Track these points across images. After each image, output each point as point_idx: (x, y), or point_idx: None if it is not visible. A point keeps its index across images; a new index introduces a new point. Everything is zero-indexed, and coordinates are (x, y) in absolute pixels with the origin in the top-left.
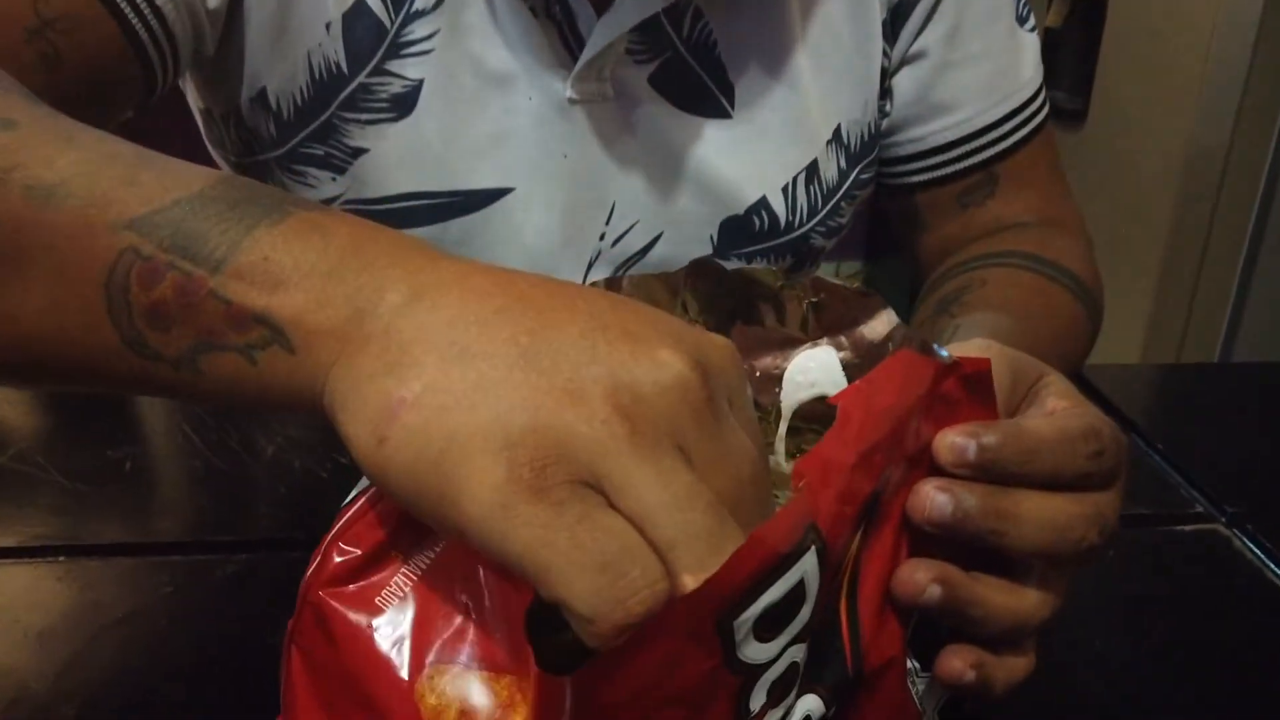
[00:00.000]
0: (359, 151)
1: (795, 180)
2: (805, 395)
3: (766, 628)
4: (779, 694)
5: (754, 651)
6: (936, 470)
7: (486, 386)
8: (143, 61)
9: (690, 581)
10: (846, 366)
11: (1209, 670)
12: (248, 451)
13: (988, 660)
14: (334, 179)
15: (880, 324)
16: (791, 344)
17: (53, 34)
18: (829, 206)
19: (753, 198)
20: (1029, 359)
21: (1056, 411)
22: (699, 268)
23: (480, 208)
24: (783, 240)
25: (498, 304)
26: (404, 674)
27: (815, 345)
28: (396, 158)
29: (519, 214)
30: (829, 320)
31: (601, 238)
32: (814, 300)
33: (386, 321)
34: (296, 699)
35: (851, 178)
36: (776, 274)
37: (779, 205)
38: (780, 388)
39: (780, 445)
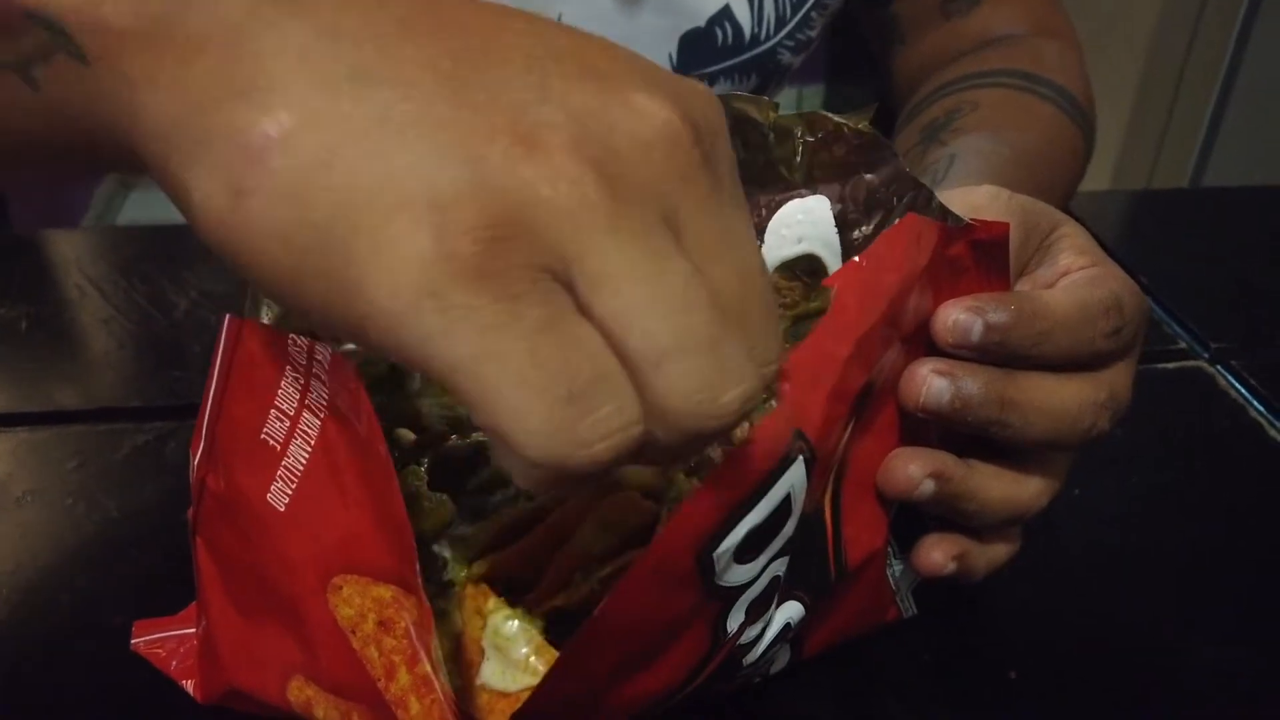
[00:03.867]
0: None
1: None
2: (790, 252)
3: (748, 549)
4: (758, 611)
5: (734, 575)
6: (934, 350)
7: (397, 122)
8: None
9: (679, 405)
10: (841, 222)
11: (1194, 518)
12: (158, 307)
13: (970, 550)
14: None
15: (885, 174)
16: (778, 190)
17: None
18: (799, 16)
19: (715, 5)
20: (1042, 207)
21: (1072, 273)
22: None
23: None
24: (748, 56)
25: (400, 12)
26: (317, 577)
27: (806, 194)
28: None
29: None
30: (826, 165)
31: None
32: (810, 140)
33: (236, 20)
34: (210, 600)
35: None
36: (768, 106)
37: (744, 14)
38: (761, 242)
39: None
